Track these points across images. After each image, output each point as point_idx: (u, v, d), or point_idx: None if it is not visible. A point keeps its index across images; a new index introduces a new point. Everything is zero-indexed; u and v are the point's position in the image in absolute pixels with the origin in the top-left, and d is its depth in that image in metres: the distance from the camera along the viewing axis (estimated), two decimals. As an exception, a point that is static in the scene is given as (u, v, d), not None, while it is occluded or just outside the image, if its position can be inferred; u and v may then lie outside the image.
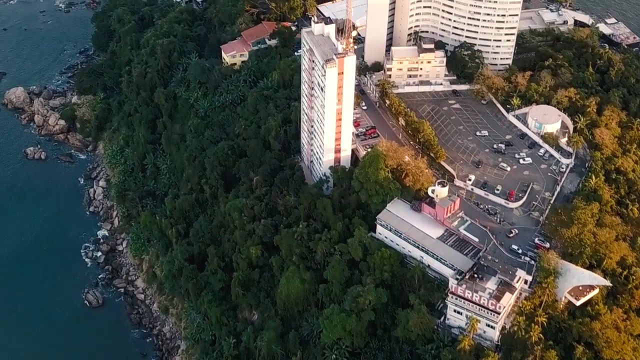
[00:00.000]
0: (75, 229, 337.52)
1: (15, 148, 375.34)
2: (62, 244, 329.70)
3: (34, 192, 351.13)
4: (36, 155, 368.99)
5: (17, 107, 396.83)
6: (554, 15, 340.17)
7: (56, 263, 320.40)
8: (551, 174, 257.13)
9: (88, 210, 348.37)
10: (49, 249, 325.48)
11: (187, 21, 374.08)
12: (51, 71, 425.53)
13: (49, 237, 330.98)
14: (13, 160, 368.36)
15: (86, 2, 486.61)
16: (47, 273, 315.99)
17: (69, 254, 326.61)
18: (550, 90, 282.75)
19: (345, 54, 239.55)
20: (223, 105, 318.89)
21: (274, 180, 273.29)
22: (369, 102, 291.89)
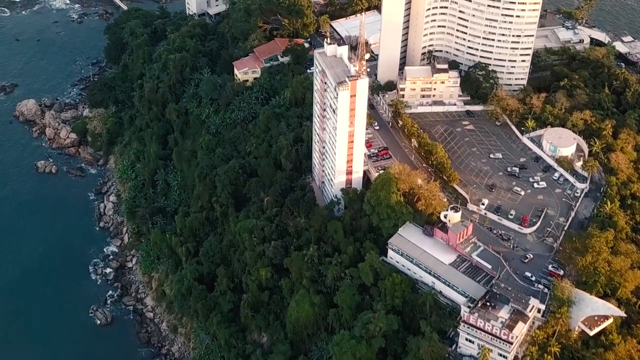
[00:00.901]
0: (85, 245, 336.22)
1: (26, 161, 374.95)
2: (72, 260, 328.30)
3: (44, 206, 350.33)
4: (47, 169, 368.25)
5: (28, 120, 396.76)
6: (569, 33, 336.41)
7: (65, 279, 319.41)
8: (566, 198, 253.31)
9: (98, 226, 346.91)
10: (58, 265, 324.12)
11: (199, 35, 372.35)
12: (63, 83, 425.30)
13: (58, 252, 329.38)
14: (24, 174, 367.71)
15: (99, 13, 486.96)
16: (56, 289, 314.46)
17: (78, 270, 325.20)
18: (565, 113, 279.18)
19: (357, 77, 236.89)
20: (234, 123, 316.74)
21: (284, 200, 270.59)
22: (381, 122, 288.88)
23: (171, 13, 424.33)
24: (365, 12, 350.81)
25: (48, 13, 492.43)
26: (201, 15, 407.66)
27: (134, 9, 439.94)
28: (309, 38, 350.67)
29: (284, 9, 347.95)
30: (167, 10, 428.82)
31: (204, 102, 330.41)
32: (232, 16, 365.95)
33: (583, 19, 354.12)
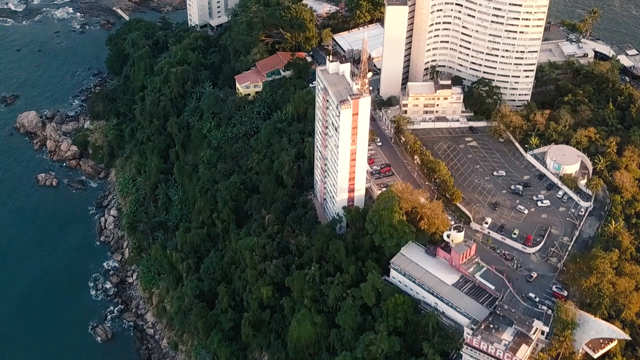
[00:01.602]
0: (85, 260, 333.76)
1: (27, 174, 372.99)
2: (71, 275, 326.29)
3: (44, 220, 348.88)
4: (47, 182, 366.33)
5: (29, 132, 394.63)
6: (573, 47, 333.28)
7: (64, 295, 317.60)
8: (570, 217, 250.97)
9: (98, 240, 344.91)
10: (57, 280, 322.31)
11: (201, 48, 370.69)
12: (64, 94, 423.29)
13: (57, 267, 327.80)
14: (24, 186, 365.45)
15: (101, 23, 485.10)
16: (55, 305, 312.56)
17: (78, 285, 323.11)
18: (569, 129, 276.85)
19: (360, 95, 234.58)
20: (236, 137, 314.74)
21: (286, 218, 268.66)
22: (383, 138, 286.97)
23: (173, 24, 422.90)
24: (368, 26, 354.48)
25: (50, 23, 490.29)
26: (203, 26, 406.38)
27: (136, 20, 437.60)
28: (311, 51, 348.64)
29: (287, 23, 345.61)
30: (169, 21, 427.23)
31: (206, 116, 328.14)
32: (234, 29, 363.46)
33: (587, 31, 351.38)
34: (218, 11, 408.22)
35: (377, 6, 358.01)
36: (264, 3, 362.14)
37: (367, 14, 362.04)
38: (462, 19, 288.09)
